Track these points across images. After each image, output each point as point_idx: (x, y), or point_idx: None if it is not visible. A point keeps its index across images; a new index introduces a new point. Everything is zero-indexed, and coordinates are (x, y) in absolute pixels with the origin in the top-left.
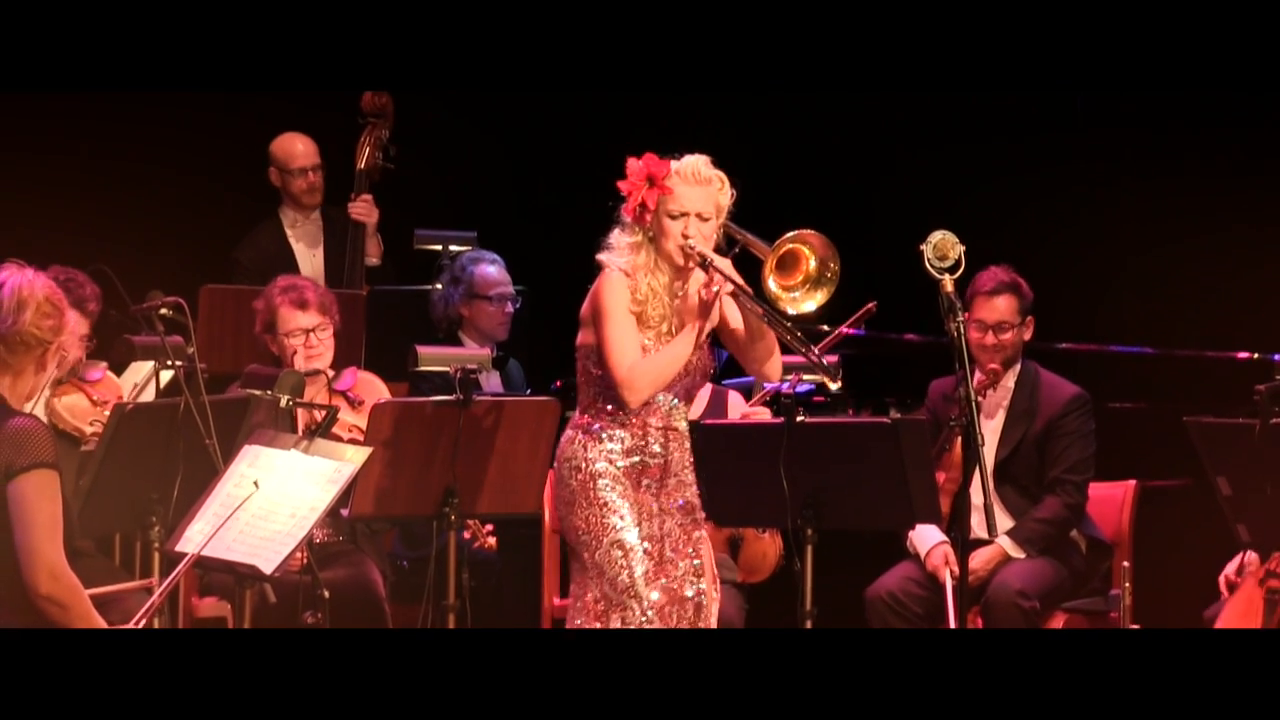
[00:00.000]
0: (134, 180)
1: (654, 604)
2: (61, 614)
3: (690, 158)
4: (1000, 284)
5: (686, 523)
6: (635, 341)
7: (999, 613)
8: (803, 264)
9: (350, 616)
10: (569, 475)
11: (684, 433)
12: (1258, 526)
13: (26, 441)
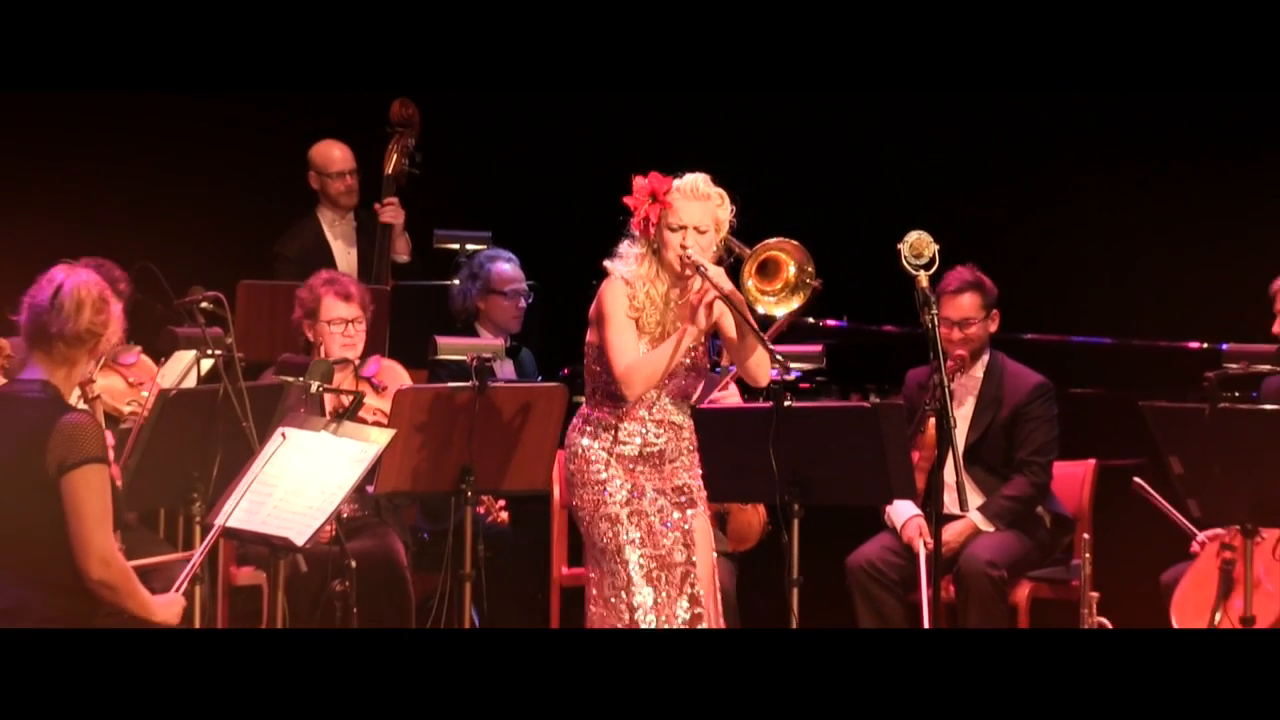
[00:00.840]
0: (176, 183)
1: (638, 566)
2: (112, 595)
3: (691, 175)
4: (964, 283)
5: (681, 501)
6: (633, 342)
7: (969, 581)
8: (783, 271)
9: (375, 585)
10: (571, 459)
11: (681, 425)
12: (1207, 502)
13: (79, 437)
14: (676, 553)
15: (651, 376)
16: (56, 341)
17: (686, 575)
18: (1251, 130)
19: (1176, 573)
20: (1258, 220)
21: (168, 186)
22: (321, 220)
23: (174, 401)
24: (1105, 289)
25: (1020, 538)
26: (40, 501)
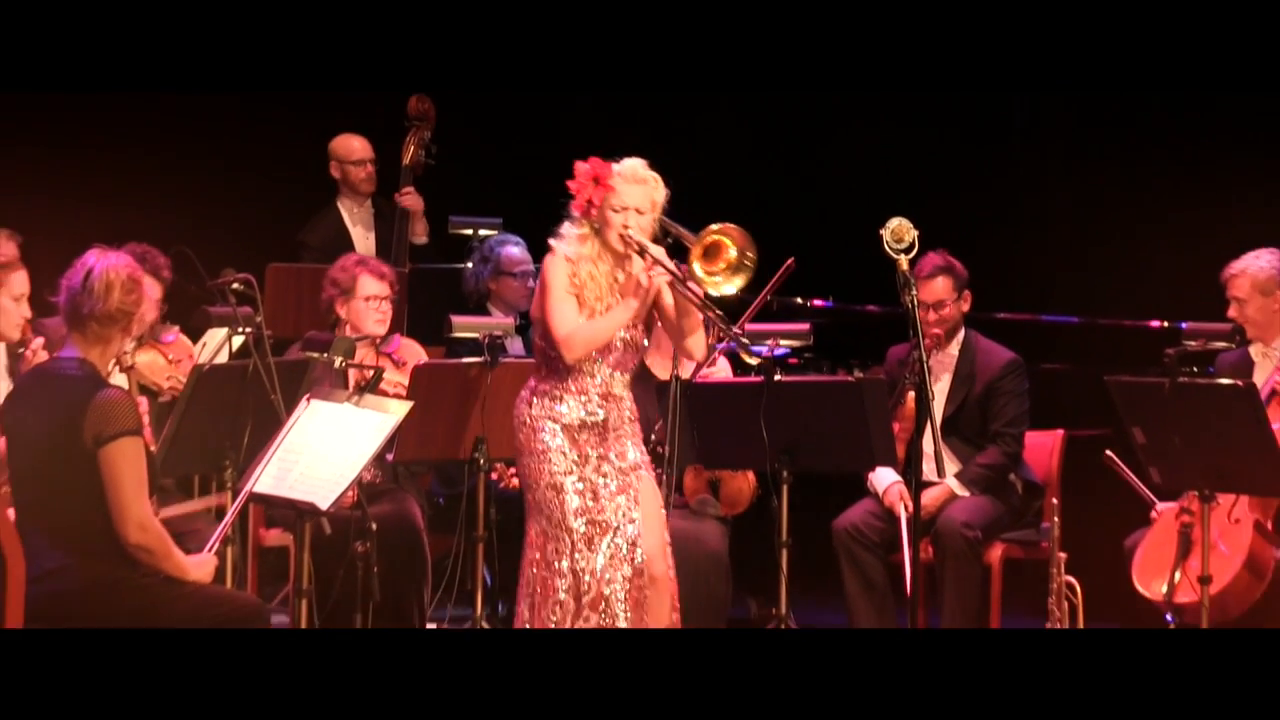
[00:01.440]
0: (210, 176)
1: (582, 535)
2: (149, 558)
3: (630, 160)
4: (936, 268)
5: (624, 466)
6: (573, 312)
7: (946, 542)
8: (724, 253)
9: (394, 546)
10: (519, 429)
11: (621, 396)
12: (1167, 469)
13: (114, 412)
14: (621, 514)
15: (591, 342)
16: (90, 321)
17: (634, 544)
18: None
19: (1138, 538)
20: (1214, 207)
21: (202, 178)
22: (342, 209)
23: (207, 376)
24: (1073, 272)
25: (994, 502)
26: (79, 471)
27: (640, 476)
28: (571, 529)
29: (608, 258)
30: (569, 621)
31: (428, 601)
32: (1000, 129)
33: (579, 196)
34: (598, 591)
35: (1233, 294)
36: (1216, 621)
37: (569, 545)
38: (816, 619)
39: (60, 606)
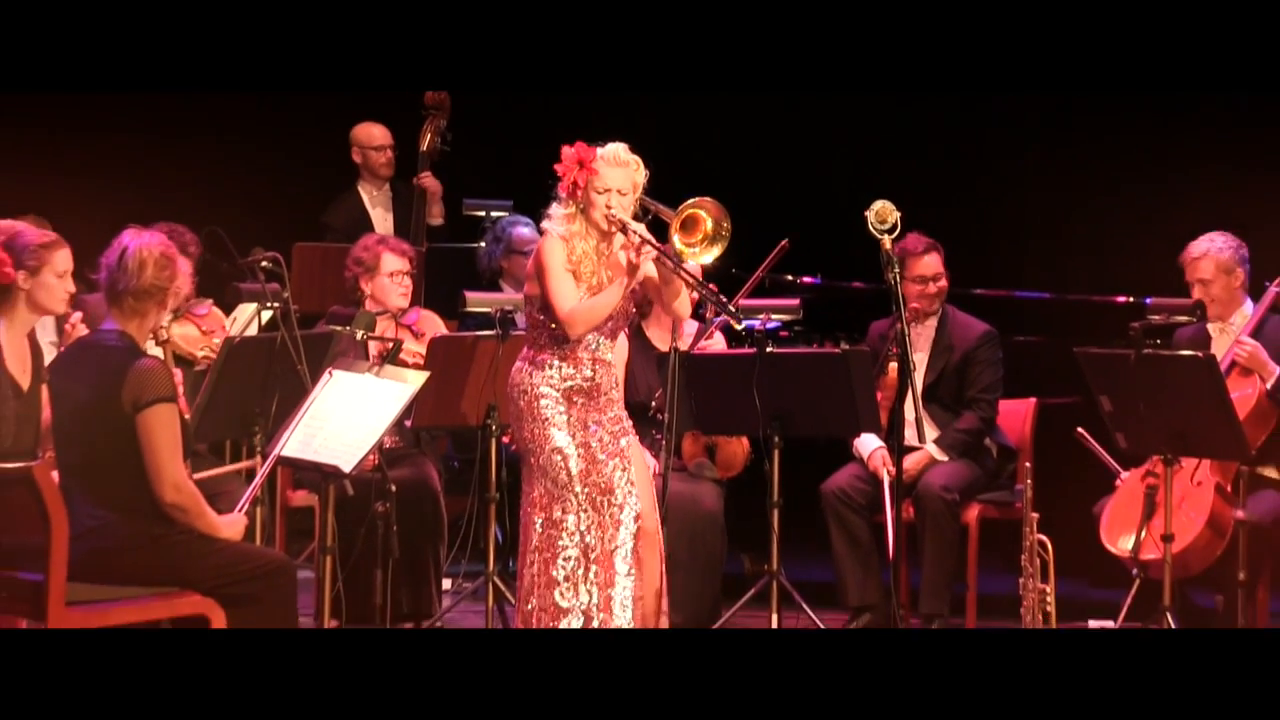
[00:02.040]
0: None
1: (586, 496)
2: (184, 516)
3: (612, 145)
4: (927, 245)
5: (615, 430)
6: (573, 289)
7: (926, 504)
8: (701, 225)
9: (412, 506)
10: (518, 397)
11: (609, 362)
12: (1132, 435)
13: (150, 379)
14: (617, 475)
15: (592, 319)
16: (126, 296)
17: (629, 502)
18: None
19: (1105, 503)
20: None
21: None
22: (362, 192)
23: (238, 347)
24: (1044, 251)
25: (970, 466)
26: (118, 435)
27: (629, 439)
28: (576, 491)
29: (594, 235)
30: (576, 577)
31: (443, 558)
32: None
33: (565, 178)
34: (603, 549)
35: (1199, 276)
36: (1179, 577)
37: (575, 505)
38: (805, 575)
39: (100, 561)
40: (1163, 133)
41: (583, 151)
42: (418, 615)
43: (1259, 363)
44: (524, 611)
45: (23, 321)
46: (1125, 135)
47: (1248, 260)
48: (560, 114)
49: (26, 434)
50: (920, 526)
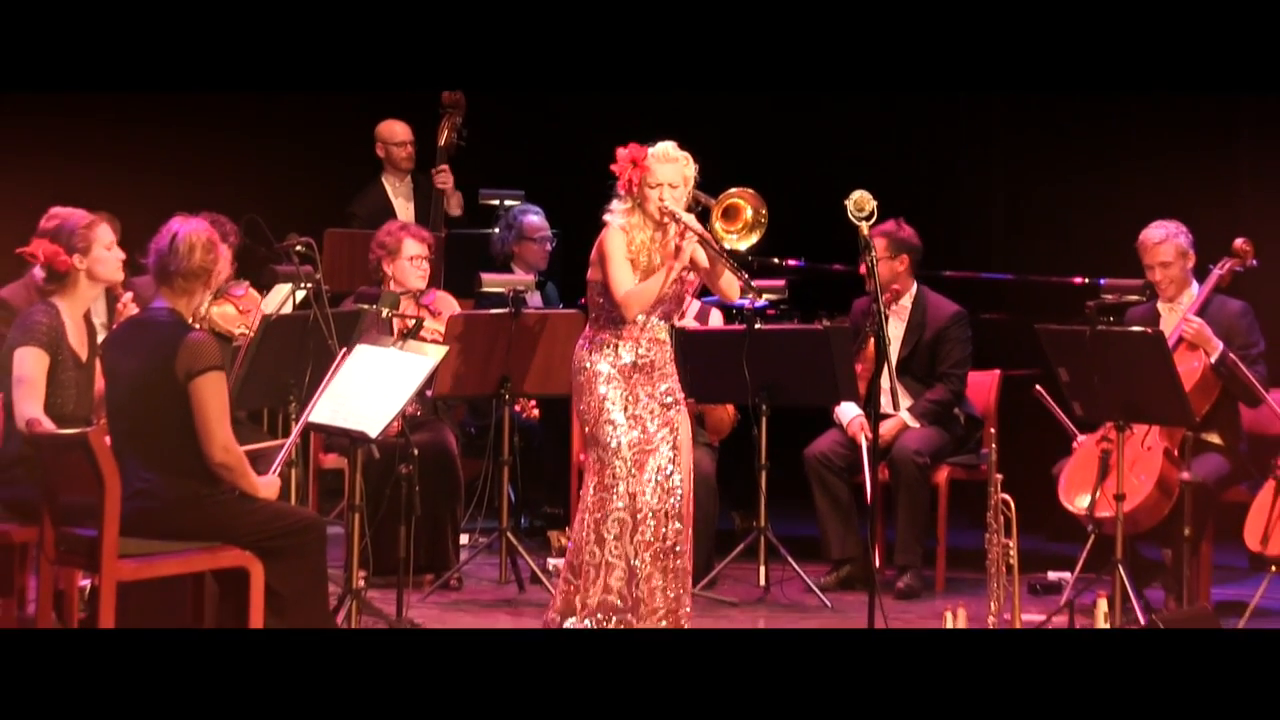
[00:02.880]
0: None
1: (634, 462)
2: (229, 475)
3: (662, 143)
4: (879, 230)
5: (667, 403)
6: (629, 275)
7: (900, 466)
8: (742, 214)
9: (432, 468)
10: (578, 373)
11: (664, 341)
12: (1088, 404)
13: (201, 351)
14: (664, 446)
15: (645, 302)
16: (175, 277)
17: (671, 475)
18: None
19: (1063, 464)
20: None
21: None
22: (385, 184)
23: (274, 324)
24: (1009, 236)
25: (941, 432)
26: (169, 403)
27: (680, 411)
28: (625, 458)
29: (649, 225)
30: (626, 535)
31: (461, 515)
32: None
33: (621, 177)
34: (648, 509)
35: (1160, 260)
36: (1130, 533)
37: (625, 471)
38: (790, 531)
39: (149, 518)
40: (1113, 130)
41: (635, 151)
42: (437, 567)
43: (1204, 339)
44: (573, 563)
45: (83, 298)
46: (1080, 133)
47: (1194, 245)
48: (567, 112)
49: (84, 402)
50: (895, 487)
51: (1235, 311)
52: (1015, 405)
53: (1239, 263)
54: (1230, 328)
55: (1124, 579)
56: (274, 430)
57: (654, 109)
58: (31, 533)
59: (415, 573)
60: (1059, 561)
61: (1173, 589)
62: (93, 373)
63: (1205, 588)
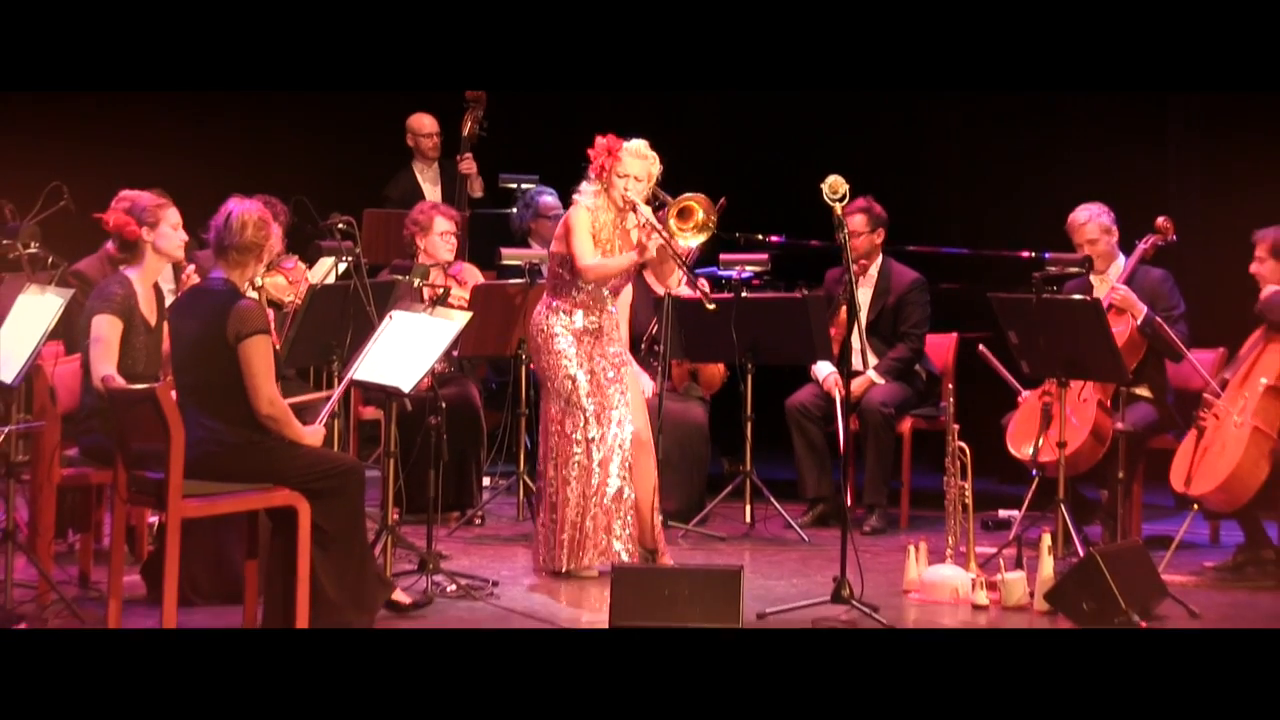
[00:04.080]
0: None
1: (591, 412)
2: (276, 426)
3: (636, 140)
4: (857, 208)
5: (616, 362)
6: (593, 249)
7: (869, 417)
8: (694, 215)
9: (458, 419)
10: (537, 335)
11: (612, 311)
12: (1034, 362)
13: (249, 316)
14: (616, 396)
15: (604, 275)
16: (230, 251)
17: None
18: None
19: (1010, 417)
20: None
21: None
22: (415, 170)
23: (320, 293)
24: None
25: (904, 387)
26: (224, 361)
27: (627, 367)
28: (585, 408)
29: (612, 210)
30: (586, 478)
31: (483, 460)
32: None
33: (595, 161)
34: (605, 454)
35: (1087, 238)
36: (1070, 475)
37: (584, 420)
38: (772, 473)
39: (209, 462)
40: (1056, 124)
41: (612, 142)
42: (462, 506)
43: (1130, 304)
44: (547, 495)
45: (151, 270)
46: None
47: (1116, 222)
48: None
49: (153, 362)
50: (864, 435)
51: (1158, 279)
52: (970, 364)
53: (1161, 238)
54: (1154, 293)
55: (1065, 516)
56: (319, 385)
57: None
58: (106, 476)
59: (443, 511)
60: (1008, 501)
61: (1108, 525)
62: (160, 336)
63: (1136, 524)
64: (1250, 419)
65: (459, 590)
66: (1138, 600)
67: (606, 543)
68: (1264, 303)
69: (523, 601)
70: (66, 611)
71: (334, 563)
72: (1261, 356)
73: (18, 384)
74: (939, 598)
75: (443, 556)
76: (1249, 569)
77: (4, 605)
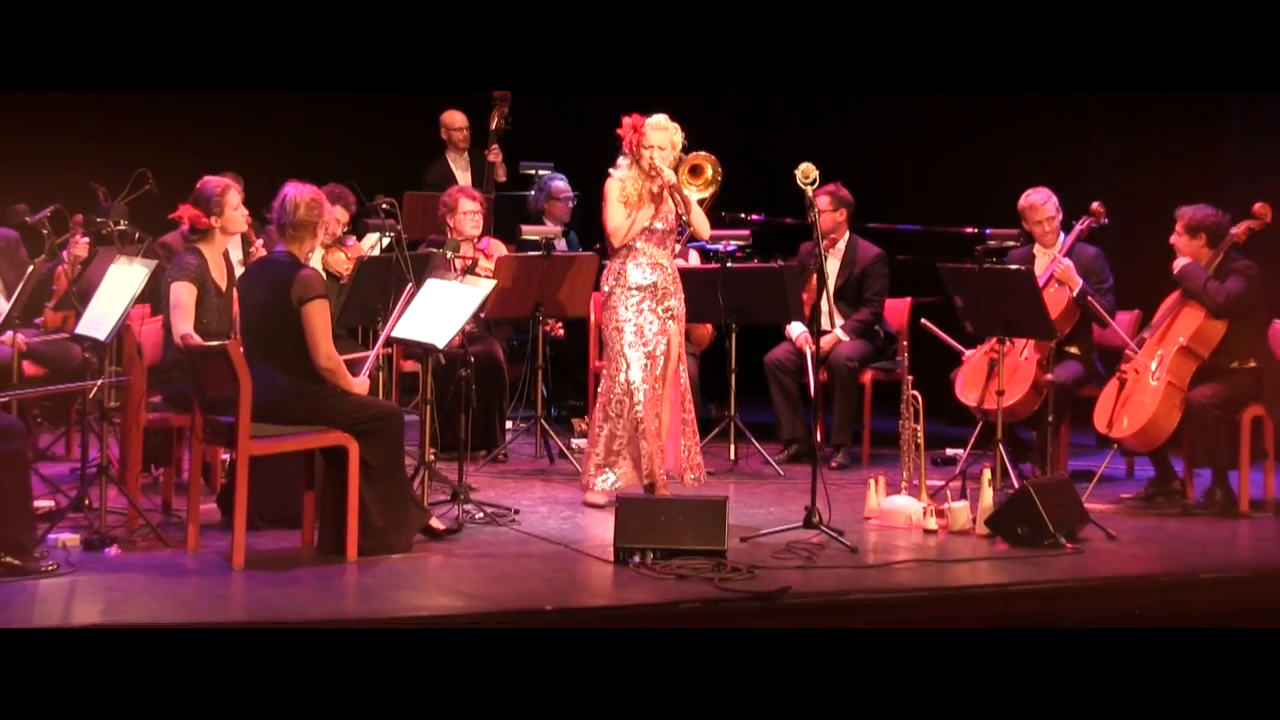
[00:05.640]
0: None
1: (635, 359)
2: (331, 377)
3: (657, 115)
4: (824, 192)
5: (665, 317)
6: (621, 214)
7: (836, 369)
8: (704, 171)
9: (484, 372)
10: (605, 287)
11: (664, 264)
12: (977, 323)
13: (310, 283)
14: (659, 348)
15: (624, 234)
16: (287, 228)
17: (664, 368)
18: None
19: (958, 372)
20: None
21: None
22: (447, 159)
23: (367, 264)
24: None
25: (866, 344)
26: (287, 322)
27: (678, 321)
28: (629, 359)
29: (642, 177)
30: (620, 410)
31: (506, 407)
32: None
33: (625, 139)
34: (640, 396)
35: (1039, 218)
36: (1008, 421)
37: (625, 366)
38: (753, 418)
39: (273, 408)
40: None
41: (636, 120)
42: (488, 446)
43: (1069, 277)
44: (593, 428)
45: (219, 245)
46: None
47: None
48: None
49: (224, 322)
50: (831, 385)
51: (1091, 255)
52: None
53: (1095, 220)
54: (1088, 268)
55: (1003, 454)
56: (366, 343)
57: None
58: (185, 419)
59: (471, 450)
60: (955, 441)
61: (1039, 462)
62: (230, 299)
63: (1063, 460)
64: (1165, 374)
65: (486, 517)
66: (1064, 525)
67: (627, 470)
68: (1179, 272)
69: (540, 527)
70: (151, 535)
71: (378, 493)
72: (1177, 319)
73: (110, 341)
74: (895, 524)
75: (471, 489)
76: (1159, 499)
77: (99, 529)
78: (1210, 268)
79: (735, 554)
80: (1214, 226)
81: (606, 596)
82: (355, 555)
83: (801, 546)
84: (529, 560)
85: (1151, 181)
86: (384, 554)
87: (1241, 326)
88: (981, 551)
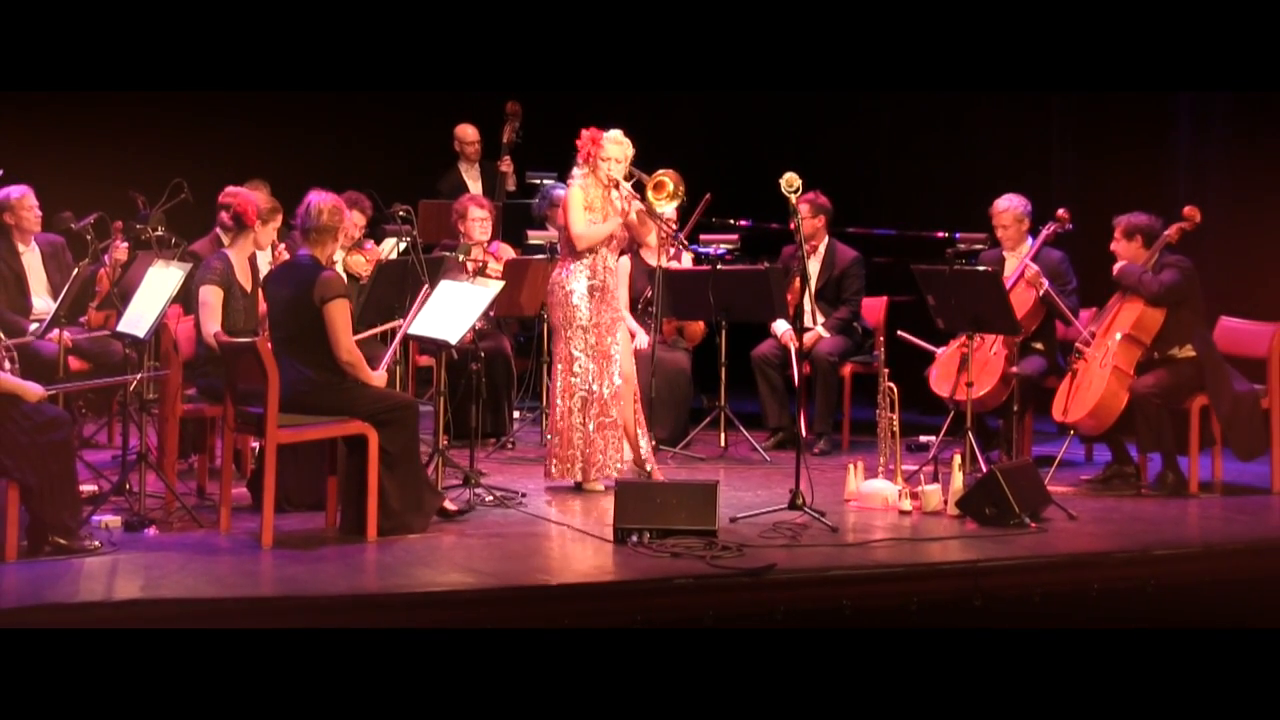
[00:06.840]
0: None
1: (592, 357)
2: (352, 370)
3: (613, 130)
4: (805, 199)
5: (616, 316)
6: (586, 219)
7: (817, 364)
8: (666, 187)
9: (494, 365)
10: (556, 290)
11: (614, 269)
12: (947, 320)
13: (331, 284)
14: (613, 347)
15: (595, 239)
16: (310, 232)
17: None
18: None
19: (931, 368)
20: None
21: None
22: (460, 169)
23: (385, 266)
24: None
25: (846, 340)
26: (310, 320)
27: (621, 321)
28: (588, 353)
29: (599, 187)
30: (585, 408)
31: (514, 397)
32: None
33: (582, 150)
34: (599, 392)
35: (1001, 224)
36: (978, 410)
37: (586, 363)
38: (742, 408)
39: (299, 399)
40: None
41: (594, 133)
42: (497, 434)
43: (1036, 279)
44: (553, 420)
45: (245, 250)
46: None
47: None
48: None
49: (251, 319)
50: (814, 377)
51: (1057, 258)
52: (897, 322)
53: (1060, 226)
54: (1053, 270)
55: (972, 441)
56: (384, 340)
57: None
58: (218, 410)
59: (481, 438)
60: (928, 428)
61: (1005, 448)
62: (256, 299)
63: (1028, 446)
64: (1111, 360)
65: (495, 500)
66: (1029, 506)
67: (603, 463)
68: (1119, 273)
69: (545, 509)
70: (187, 516)
71: (396, 478)
72: (1120, 313)
73: (149, 338)
74: (873, 505)
75: (482, 474)
76: (1115, 481)
77: (139, 511)
78: (1147, 265)
79: (725, 533)
80: (1148, 229)
81: (607, 572)
82: (375, 535)
83: (787, 526)
84: (535, 539)
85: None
86: (401, 534)
87: (1178, 314)
88: (952, 530)
